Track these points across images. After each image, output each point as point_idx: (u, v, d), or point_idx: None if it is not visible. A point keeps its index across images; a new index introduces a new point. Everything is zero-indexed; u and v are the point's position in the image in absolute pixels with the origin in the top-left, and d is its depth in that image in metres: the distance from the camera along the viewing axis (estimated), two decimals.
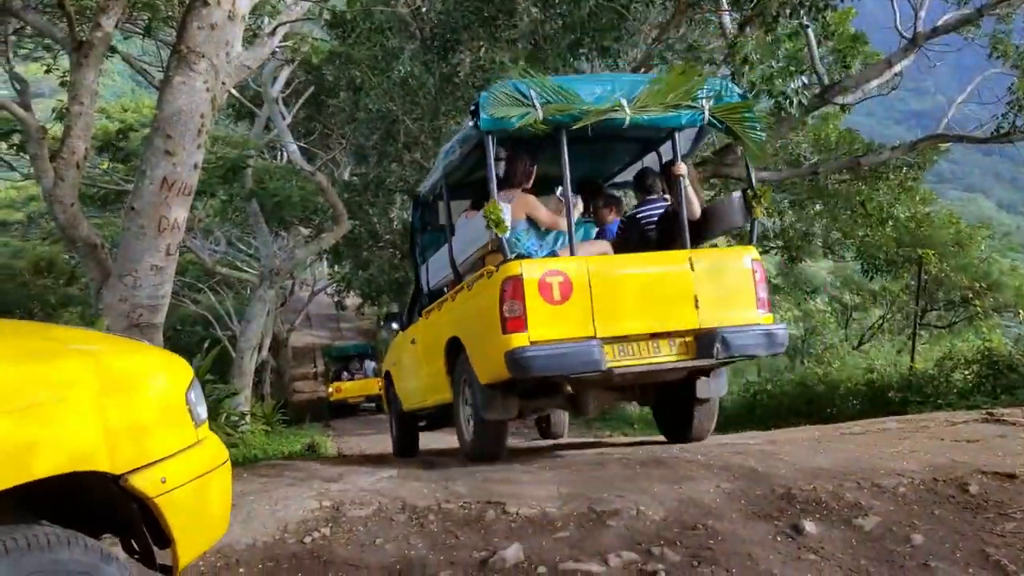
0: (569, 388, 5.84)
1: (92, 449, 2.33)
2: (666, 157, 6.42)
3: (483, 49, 11.36)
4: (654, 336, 5.59)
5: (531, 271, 5.32)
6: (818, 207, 16.29)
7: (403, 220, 21.41)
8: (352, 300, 34.68)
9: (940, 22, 13.55)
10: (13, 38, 10.05)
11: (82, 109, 6.91)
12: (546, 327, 5.31)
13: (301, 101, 17.27)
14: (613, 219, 6.64)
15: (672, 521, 4.40)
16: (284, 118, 16.44)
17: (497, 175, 5.64)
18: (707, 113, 5.85)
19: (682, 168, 5.94)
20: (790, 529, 4.27)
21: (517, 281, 5.28)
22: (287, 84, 16.88)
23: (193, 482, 2.68)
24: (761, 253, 18.81)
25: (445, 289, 6.97)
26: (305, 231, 23.23)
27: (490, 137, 5.55)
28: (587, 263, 5.53)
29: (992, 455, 5.54)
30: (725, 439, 7.61)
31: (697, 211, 6.07)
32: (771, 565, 3.82)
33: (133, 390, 2.60)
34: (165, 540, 2.61)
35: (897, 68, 13.73)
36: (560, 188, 5.89)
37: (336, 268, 27.68)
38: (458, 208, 7.02)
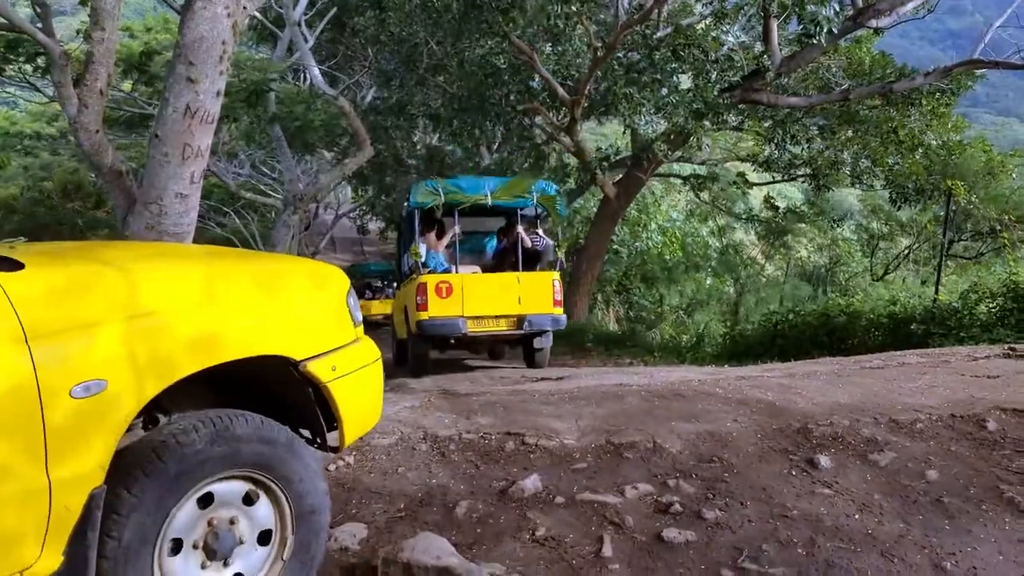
0: (452, 341, 9.63)
1: (279, 339, 2.89)
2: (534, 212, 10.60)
3: None
4: (496, 317, 9.48)
5: (431, 280, 9.40)
6: (848, 133, 15.94)
7: (426, 144, 21.27)
8: (375, 225, 34.67)
9: None
10: None
11: (103, 35, 6.85)
12: (437, 310, 9.27)
13: (324, 23, 16.98)
14: (502, 241, 10.97)
15: (688, 454, 4.47)
16: (307, 41, 16.21)
17: (421, 228, 10.10)
18: (534, 199, 10.01)
19: (518, 228, 10.16)
20: (805, 463, 4.33)
21: (423, 285, 9.32)
22: (310, 5, 16.60)
23: (355, 372, 3.22)
24: (787, 180, 18.61)
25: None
26: (329, 155, 23.13)
27: (416, 211, 9.93)
28: (461, 277, 9.58)
29: (1012, 391, 5.55)
30: (744, 371, 7.65)
31: (528, 244, 10.16)
32: (785, 498, 3.89)
33: (308, 293, 3.20)
34: (332, 423, 3.17)
35: None
36: (456, 230, 10.02)
37: (360, 192, 27.64)
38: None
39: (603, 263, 18.84)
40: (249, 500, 2.80)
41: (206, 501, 2.67)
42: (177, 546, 2.60)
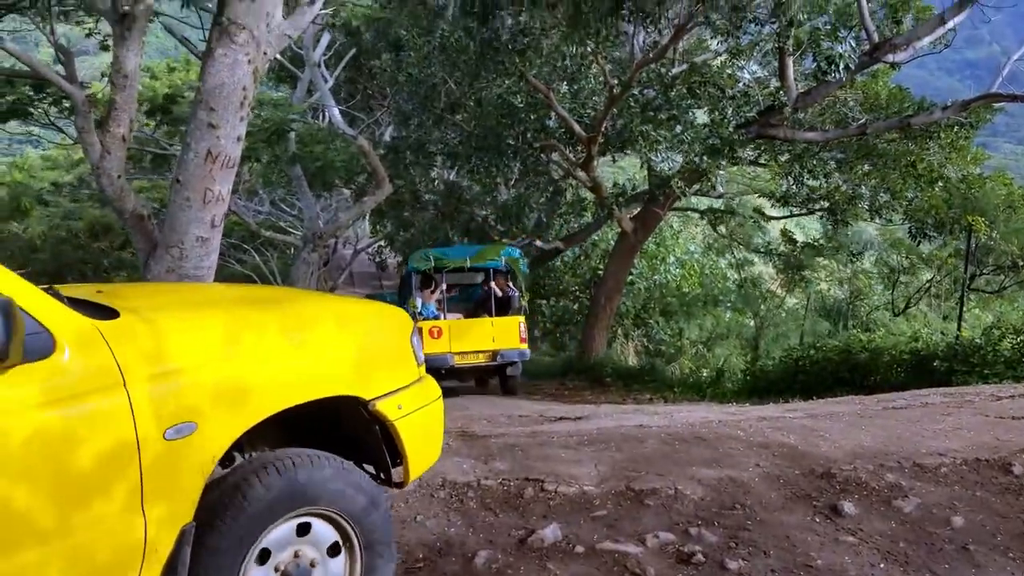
0: (443, 372, 11.45)
1: (351, 380, 3.07)
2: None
3: (523, 14, 11.22)
4: (476, 352, 11.91)
5: (425, 325, 11.67)
6: (866, 167, 15.89)
7: (444, 180, 21.41)
8: (393, 259, 34.81)
9: None
10: (56, 9, 10.11)
11: (126, 82, 6.98)
12: (430, 348, 11.27)
13: (343, 64, 17.23)
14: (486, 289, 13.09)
15: (710, 501, 4.42)
16: (326, 81, 16.46)
17: (418, 284, 12.46)
18: (503, 261, 12.56)
19: (492, 283, 12.67)
20: (829, 510, 4.28)
21: (419, 329, 10.69)
22: (328, 47, 16.85)
23: (419, 411, 3.36)
24: (806, 214, 18.62)
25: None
26: (348, 192, 23.30)
27: (413, 273, 12.49)
28: (448, 323, 12.06)
29: None
30: (765, 411, 7.58)
31: (499, 295, 12.72)
32: (809, 547, 3.83)
33: (376, 334, 3.40)
34: (396, 459, 3.29)
35: (951, 24, 13.27)
36: (443, 287, 12.65)
37: (379, 228, 27.80)
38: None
39: (621, 297, 18.81)
40: (305, 530, 2.87)
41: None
42: None
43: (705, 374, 15.73)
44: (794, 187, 16.80)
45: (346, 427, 3.26)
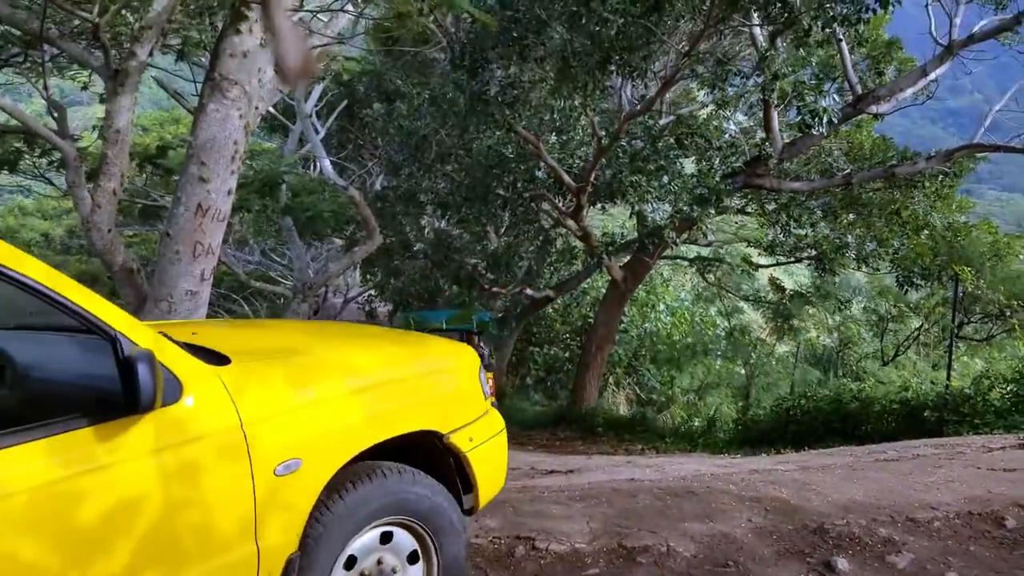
0: None
1: (430, 416, 3.33)
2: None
3: (512, 67, 11.37)
4: None
5: None
6: (851, 216, 16.04)
7: (435, 228, 21.49)
8: (383, 308, 34.78)
9: (976, 29, 13.30)
10: (50, 65, 10.19)
11: (118, 137, 7.01)
12: None
13: (334, 115, 17.37)
14: None
15: (703, 558, 4.38)
16: (317, 132, 16.57)
17: None
18: (474, 325, 13.43)
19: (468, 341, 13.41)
20: (822, 567, 4.25)
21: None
22: (320, 98, 17.00)
23: (487, 442, 3.65)
24: (793, 263, 18.88)
25: None
26: (339, 242, 23.35)
27: None
28: None
29: None
30: (757, 463, 7.55)
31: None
32: None
33: (450, 372, 3.66)
34: (468, 487, 3.56)
35: (933, 75, 13.52)
36: None
37: (368, 277, 27.81)
38: None
39: (613, 345, 18.79)
40: (388, 538, 3.15)
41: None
42: None
43: (697, 423, 15.68)
44: (781, 236, 16.92)
45: (419, 457, 3.44)
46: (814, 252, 16.90)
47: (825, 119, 10.59)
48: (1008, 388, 9.83)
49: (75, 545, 2.23)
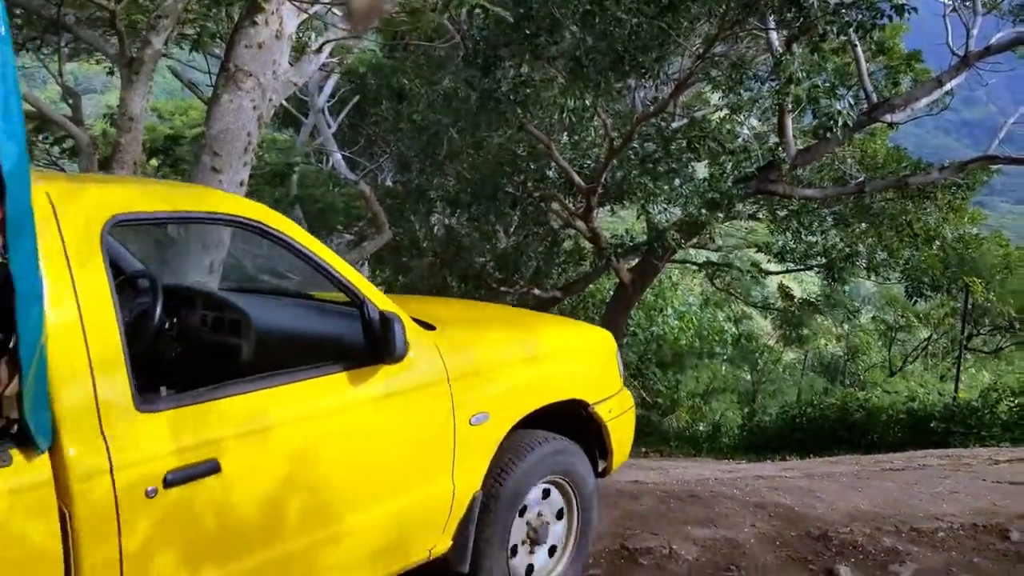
0: None
1: (581, 387, 3.89)
2: None
3: (524, 66, 11.34)
4: None
5: None
6: (863, 226, 15.96)
7: (445, 225, 21.50)
8: None
9: (993, 40, 13.21)
10: (66, 50, 10.21)
11: (131, 124, 7.03)
12: None
13: (346, 110, 17.39)
14: None
15: (705, 562, 4.37)
16: (329, 127, 16.61)
17: None
18: None
19: None
20: (825, 574, 4.23)
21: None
22: (332, 94, 17.03)
23: (622, 415, 4.17)
24: (803, 269, 18.86)
25: None
26: (348, 236, 23.38)
27: None
28: None
29: None
30: (762, 469, 7.52)
31: None
32: None
33: (594, 352, 4.21)
34: (603, 454, 4.11)
35: (948, 87, 13.43)
36: None
37: (377, 273, 27.82)
38: None
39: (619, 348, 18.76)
40: (547, 495, 3.76)
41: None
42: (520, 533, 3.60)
43: (702, 428, 15.65)
44: (792, 242, 16.86)
45: (568, 427, 3.91)
46: (824, 260, 16.84)
47: (840, 123, 10.52)
48: (1016, 401, 9.79)
49: (330, 466, 2.84)
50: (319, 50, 8.16)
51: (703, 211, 12.60)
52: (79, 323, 2.21)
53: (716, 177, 13.27)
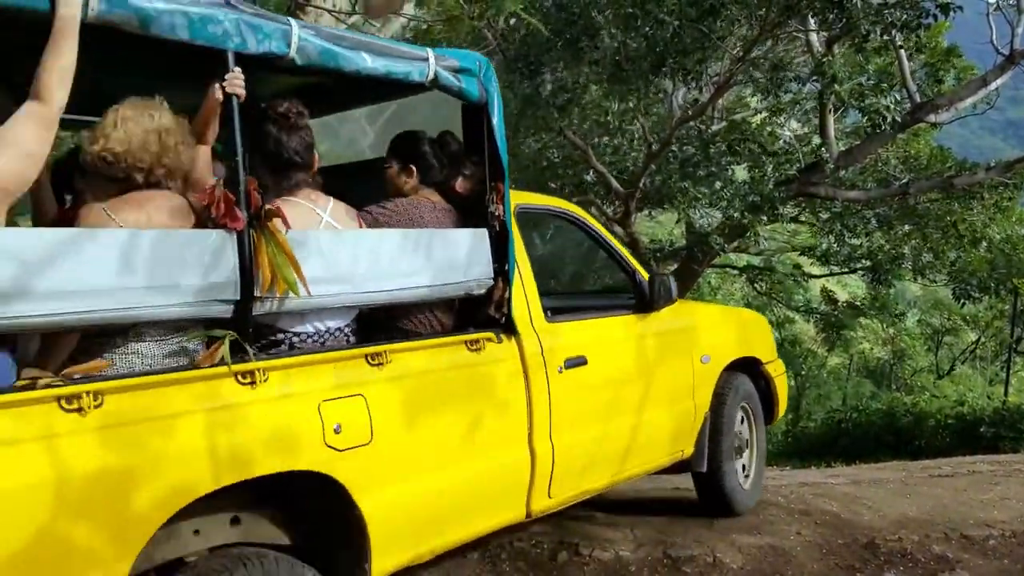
0: None
1: (756, 349, 5.46)
2: None
3: (565, 70, 11.33)
4: None
5: None
6: (907, 228, 15.67)
7: None
8: None
9: None
10: None
11: None
12: None
13: (385, 117, 17.53)
14: None
15: (751, 570, 4.32)
16: (367, 134, 16.74)
17: None
18: None
19: None
20: None
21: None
22: None
23: (780, 376, 5.71)
24: (847, 273, 18.51)
25: None
26: None
27: None
28: None
29: None
30: (807, 476, 7.43)
31: None
32: None
33: (760, 327, 5.87)
34: (769, 408, 5.63)
35: (993, 85, 13.16)
36: None
37: None
38: None
39: None
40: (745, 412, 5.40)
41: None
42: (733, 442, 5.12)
43: None
44: (835, 245, 16.59)
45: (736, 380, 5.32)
46: (869, 262, 16.57)
47: (888, 119, 10.36)
48: None
49: (635, 373, 4.36)
50: None
51: (745, 214, 12.47)
52: (519, 270, 3.68)
53: (757, 180, 13.13)
